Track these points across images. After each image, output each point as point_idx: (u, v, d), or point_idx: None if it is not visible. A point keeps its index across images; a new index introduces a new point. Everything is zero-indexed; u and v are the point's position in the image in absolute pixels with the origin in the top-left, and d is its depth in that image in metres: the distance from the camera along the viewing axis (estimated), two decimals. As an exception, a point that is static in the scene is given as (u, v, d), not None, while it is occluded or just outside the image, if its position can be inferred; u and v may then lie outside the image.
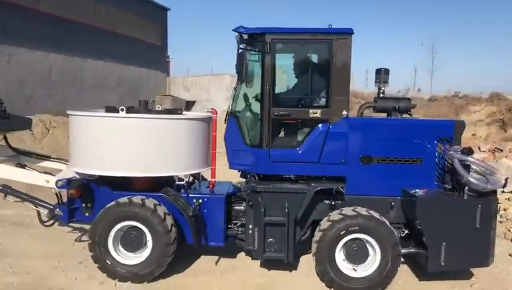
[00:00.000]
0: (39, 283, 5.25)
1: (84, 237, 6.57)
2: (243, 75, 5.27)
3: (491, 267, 5.41)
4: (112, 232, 5.36)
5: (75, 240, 6.64)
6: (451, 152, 5.21)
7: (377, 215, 5.23)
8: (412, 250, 5.42)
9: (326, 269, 5.21)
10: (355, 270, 5.26)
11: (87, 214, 5.76)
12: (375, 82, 6.20)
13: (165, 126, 5.43)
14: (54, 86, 18.71)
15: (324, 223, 5.25)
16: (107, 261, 5.34)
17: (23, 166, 6.25)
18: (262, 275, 5.69)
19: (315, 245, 5.24)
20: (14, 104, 15.61)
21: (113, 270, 5.35)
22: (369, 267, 5.23)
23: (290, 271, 5.78)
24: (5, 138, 6.40)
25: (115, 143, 5.33)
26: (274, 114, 5.37)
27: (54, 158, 6.95)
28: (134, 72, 25.08)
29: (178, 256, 5.68)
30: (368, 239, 5.20)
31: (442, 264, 5.06)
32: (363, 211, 5.23)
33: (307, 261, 5.89)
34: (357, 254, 5.25)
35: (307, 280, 5.54)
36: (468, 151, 5.12)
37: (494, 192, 5.17)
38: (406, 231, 5.59)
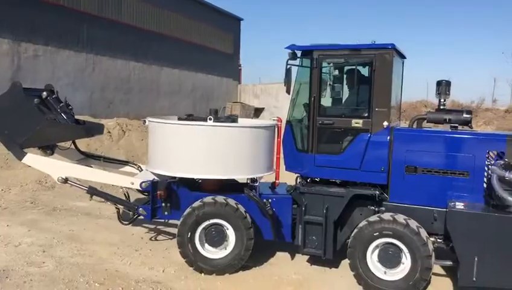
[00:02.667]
0: (99, 264, 5.95)
1: (142, 229, 7.38)
2: (288, 87, 5.87)
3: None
4: (199, 230, 5.92)
5: (134, 232, 7.29)
6: (493, 167, 5.16)
7: (414, 224, 5.38)
8: (449, 262, 5.48)
9: (356, 264, 5.54)
10: (385, 273, 5.49)
11: (166, 213, 6.33)
12: (436, 94, 6.30)
13: (237, 134, 6.05)
14: (132, 92, 20.83)
15: (361, 223, 5.60)
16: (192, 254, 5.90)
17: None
18: (298, 272, 6.04)
19: (350, 240, 5.62)
20: (96, 107, 18.42)
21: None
22: (398, 273, 5.42)
23: (326, 271, 6.13)
24: (74, 142, 6.95)
25: (196, 148, 5.94)
26: (319, 123, 5.87)
27: (120, 161, 7.69)
28: (207, 79, 26.69)
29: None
30: (401, 246, 5.40)
31: (474, 279, 5.03)
32: (400, 218, 5.43)
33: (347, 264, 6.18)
34: (390, 258, 5.47)
35: (340, 280, 5.83)
36: (509, 167, 5.03)
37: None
38: (451, 244, 5.62)
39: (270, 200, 6.18)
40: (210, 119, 6.05)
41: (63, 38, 17.12)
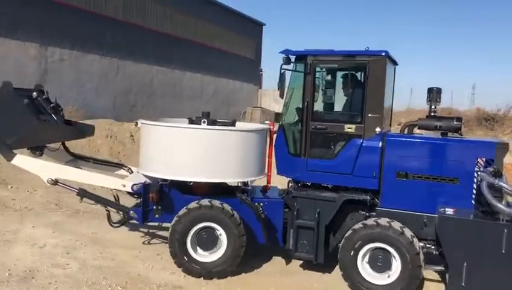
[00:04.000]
0: (121, 267, 5.96)
1: (163, 233, 7.11)
2: (282, 91, 5.91)
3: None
4: (192, 231, 5.89)
5: (155, 236, 7.27)
6: (482, 173, 5.23)
7: (397, 225, 5.45)
8: (442, 268, 5.54)
9: (346, 270, 5.60)
10: (376, 277, 5.54)
11: (157, 215, 6.22)
12: (427, 101, 6.37)
13: (228, 137, 6.02)
14: (155, 96, 20.98)
15: (348, 232, 5.64)
16: (184, 257, 5.88)
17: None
18: (320, 281, 6.00)
19: (340, 247, 5.67)
20: (119, 111, 18.54)
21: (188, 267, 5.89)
22: (389, 277, 5.48)
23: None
24: (63, 143, 6.84)
25: (188, 151, 5.93)
26: (312, 127, 5.91)
27: (111, 163, 7.61)
28: (228, 84, 26.93)
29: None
30: (389, 249, 5.45)
31: (463, 285, 5.09)
32: (384, 221, 5.50)
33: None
34: (380, 262, 5.53)
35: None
36: (498, 174, 5.10)
37: (527, 218, 5.06)
38: (440, 249, 5.67)
39: (261, 203, 6.21)
40: (204, 122, 6.07)
41: (88, 42, 17.46)
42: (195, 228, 5.92)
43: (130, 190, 6.30)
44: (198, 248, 6.00)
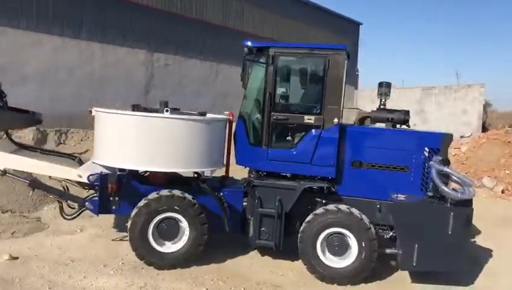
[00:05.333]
0: (223, 263, 6.22)
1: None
2: (244, 82, 6.00)
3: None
4: (153, 222, 5.84)
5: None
6: (431, 162, 5.66)
7: (356, 212, 5.77)
8: (394, 250, 5.91)
9: (308, 258, 5.82)
10: (334, 260, 5.82)
11: (114, 207, 6.06)
12: (378, 94, 6.76)
13: (185, 126, 5.93)
14: None
15: (309, 217, 5.86)
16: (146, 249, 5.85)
17: None
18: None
19: (299, 235, 5.88)
20: (217, 113, 17.09)
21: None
22: (348, 258, 5.77)
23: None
24: (7, 132, 6.67)
25: (145, 140, 5.80)
26: (273, 118, 6.05)
27: (59, 153, 7.36)
28: None
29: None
30: (345, 233, 5.76)
31: (414, 264, 5.52)
32: (344, 207, 5.80)
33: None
34: (338, 246, 5.82)
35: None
36: (446, 162, 5.55)
37: (470, 202, 5.56)
38: (391, 233, 6.06)
39: (222, 193, 6.31)
40: (167, 111, 5.91)
41: (189, 48, 18.28)
42: (156, 219, 5.86)
43: (86, 181, 6.09)
44: (160, 239, 5.93)
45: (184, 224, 5.92)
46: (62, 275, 5.55)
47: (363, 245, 5.69)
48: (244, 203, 6.50)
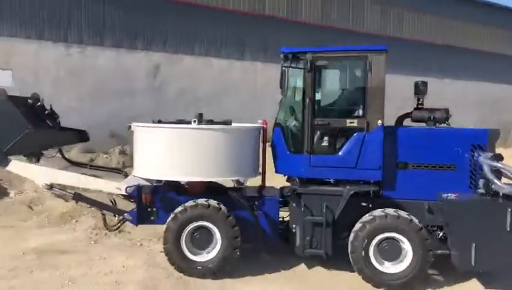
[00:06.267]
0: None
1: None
2: (284, 89, 5.92)
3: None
4: (186, 230, 5.92)
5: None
6: (482, 158, 5.54)
7: (404, 214, 5.65)
8: (446, 251, 5.77)
9: (361, 267, 5.69)
10: (389, 266, 5.68)
11: (153, 217, 6.31)
12: (414, 94, 6.67)
13: (218, 136, 6.04)
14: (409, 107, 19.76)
15: (357, 225, 5.74)
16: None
17: None
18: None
19: (350, 245, 5.75)
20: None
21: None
22: (403, 262, 5.63)
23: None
24: (60, 150, 7.06)
25: (178, 151, 5.99)
26: (315, 123, 5.96)
27: (107, 168, 7.75)
28: (493, 88, 23.97)
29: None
30: (397, 237, 5.63)
31: (473, 265, 5.37)
32: (391, 211, 5.67)
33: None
34: (391, 251, 5.68)
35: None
36: (498, 157, 5.44)
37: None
38: (441, 234, 5.91)
39: (256, 202, 6.23)
40: (194, 122, 6.06)
41: None
42: (190, 227, 5.92)
43: (124, 192, 6.31)
44: (192, 247, 5.98)
45: (216, 234, 5.92)
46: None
47: (417, 246, 5.55)
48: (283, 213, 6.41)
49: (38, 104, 6.63)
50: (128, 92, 13.90)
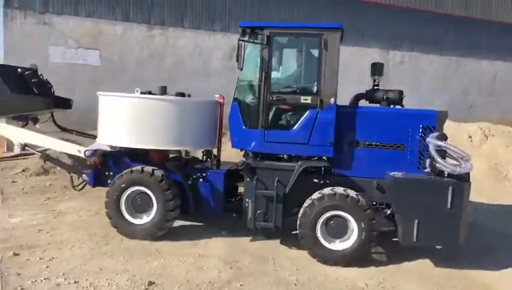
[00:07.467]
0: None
1: None
2: (240, 63, 5.93)
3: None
4: (126, 193, 6.28)
5: None
6: (428, 138, 5.70)
7: (353, 193, 5.78)
8: (392, 228, 5.94)
9: (308, 243, 5.83)
10: (335, 243, 5.82)
11: (109, 180, 6.65)
12: (371, 75, 6.77)
13: (172, 106, 6.38)
14: (497, 95, 19.38)
15: (306, 202, 5.85)
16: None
17: None
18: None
19: (298, 220, 5.88)
20: (456, 110, 15.46)
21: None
22: (347, 241, 5.78)
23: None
24: (52, 115, 7.53)
25: (134, 120, 6.38)
26: (269, 99, 6.01)
27: (89, 135, 8.00)
28: None
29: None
30: (344, 215, 5.77)
31: (415, 240, 5.55)
32: (340, 190, 5.79)
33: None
34: (337, 230, 5.81)
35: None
36: (443, 137, 5.59)
37: (468, 176, 5.61)
38: (389, 211, 6.08)
39: (202, 174, 6.47)
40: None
41: (426, 43, 17.78)
42: (128, 192, 6.27)
43: (83, 155, 6.69)
44: (134, 211, 6.35)
45: (153, 198, 6.25)
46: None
47: (363, 226, 5.71)
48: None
49: (27, 72, 7.08)
50: (205, 72, 14.33)
